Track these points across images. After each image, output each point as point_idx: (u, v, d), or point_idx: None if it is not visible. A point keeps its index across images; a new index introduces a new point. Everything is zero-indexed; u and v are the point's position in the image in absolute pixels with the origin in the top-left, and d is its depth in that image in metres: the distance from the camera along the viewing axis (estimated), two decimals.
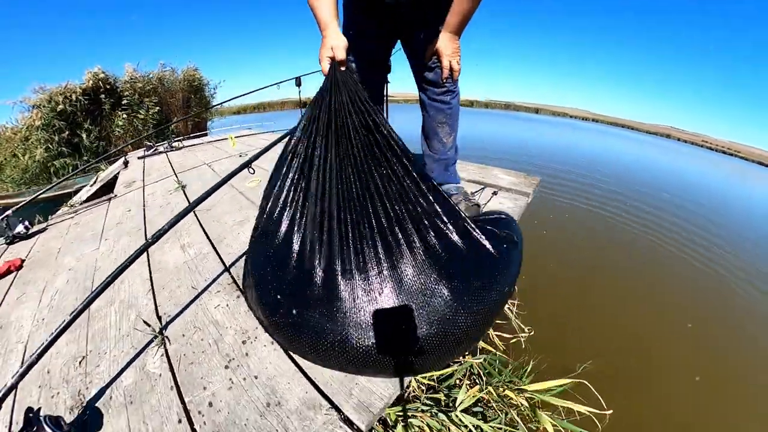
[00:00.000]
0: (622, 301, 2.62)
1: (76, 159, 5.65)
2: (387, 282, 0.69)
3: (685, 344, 2.20)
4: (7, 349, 1.06)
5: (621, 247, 3.79)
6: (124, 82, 6.67)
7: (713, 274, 3.23)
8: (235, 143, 2.90)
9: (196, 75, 7.96)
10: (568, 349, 1.99)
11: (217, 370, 0.73)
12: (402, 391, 0.64)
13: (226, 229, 1.38)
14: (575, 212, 4.58)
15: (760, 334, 2.41)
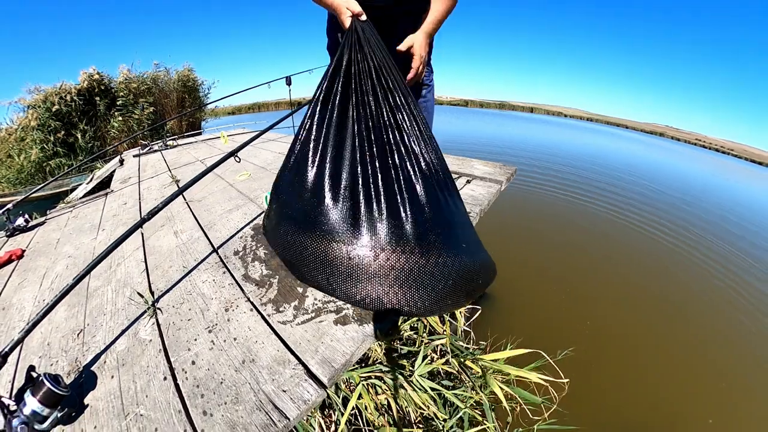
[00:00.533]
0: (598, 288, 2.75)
1: (71, 159, 5.71)
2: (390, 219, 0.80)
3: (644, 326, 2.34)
4: (9, 327, 1.14)
5: (583, 228, 4.01)
6: (118, 82, 6.73)
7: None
8: (227, 140, 2.98)
9: (190, 75, 8.00)
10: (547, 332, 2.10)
11: (201, 334, 0.81)
12: (365, 352, 0.72)
13: (216, 217, 1.46)
14: (555, 203, 4.83)
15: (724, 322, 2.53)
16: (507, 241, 3.36)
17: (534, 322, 2.24)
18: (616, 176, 7.06)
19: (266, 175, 1.95)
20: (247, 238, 1.20)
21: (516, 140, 11.89)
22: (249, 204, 1.54)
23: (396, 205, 0.81)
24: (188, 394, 0.68)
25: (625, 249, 3.59)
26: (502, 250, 2.77)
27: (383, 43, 0.94)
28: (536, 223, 4.10)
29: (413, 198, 0.83)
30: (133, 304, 1.01)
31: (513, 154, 7.59)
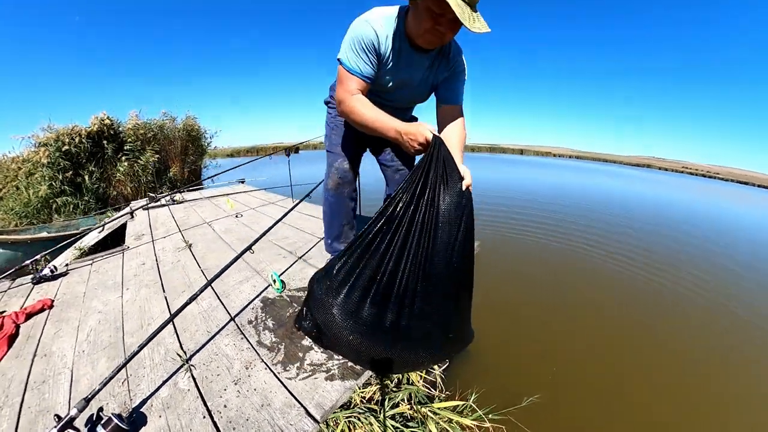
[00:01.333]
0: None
1: (77, 198, 5.95)
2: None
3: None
4: (55, 372, 1.41)
5: (553, 265, 4.40)
6: (127, 128, 7.17)
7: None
8: (233, 205, 3.37)
9: (194, 125, 8.57)
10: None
11: (229, 385, 1.14)
12: (347, 400, 1.07)
13: (229, 288, 1.81)
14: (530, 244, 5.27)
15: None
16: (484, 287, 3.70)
17: (505, 368, 2.47)
18: (594, 215, 7.66)
19: (269, 247, 2.33)
20: (258, 309, 1.56)
21: (500, 183, 12.78)
22: (256, 276, 1.90)
23: (420, 316, 1.12)
24: (224, 428, 1.00)
25: (604, 289, 3.91)
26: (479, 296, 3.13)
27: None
28: (514, 266, 4.50)
29: (432, 309, 1.12)
30: (169, 360, 1.33)
31: (490, 202, 8.18)
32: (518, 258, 4.92)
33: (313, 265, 2.02)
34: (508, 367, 2.46)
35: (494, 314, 3.11)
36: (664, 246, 5.74)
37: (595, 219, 7.41)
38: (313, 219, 2.98)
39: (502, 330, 2.90)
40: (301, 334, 1.35)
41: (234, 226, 2.89)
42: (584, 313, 3.32)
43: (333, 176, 1.61)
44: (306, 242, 2.42)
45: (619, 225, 7.02)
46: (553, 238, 5.70)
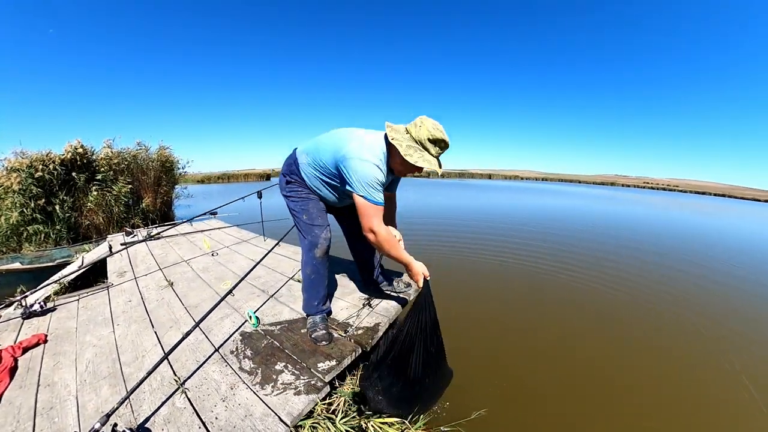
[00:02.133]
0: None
1: (48, 227, 5.91)
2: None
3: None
4: (61, 399, 1.66)
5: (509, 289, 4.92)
6: (100, 157, 7.19)
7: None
8: (209, 245, 3.68)
9: (168, 156, 8.68)
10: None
11: (218, 403, 1.47)
12: (311, 409, 1.44)
13: (212, 323, 2.13)
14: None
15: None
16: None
17: (456, 383, 2.80)
18: (547, 236, 8.43)
19: (244, 286, 2.66)
20: (238, 342, 1.90)
21: (464, 209, 13.58)
22: (235, 314, 2.24)
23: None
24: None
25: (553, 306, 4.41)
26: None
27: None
28: (462, 285, 4.98)
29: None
30: (165, 386, 1.64)
31: (447, 226, 8.81)
32: (466, 277, 5.47)
33: (284, 304, 2.37)
34: (458, 382, 2.82)
35: (448, 332, 3.52)
36: (612, 260, 6.51)
37: (544, 239, 8.18)
38: (283, 258, 3.34)
39: (456, 347, 3.29)
40: (274, 361, 1.71)
41: (211, 265, 3.21)
42: (532, 328, 3.79)
43: (323, 246, 1.86)
44: (276, 281, 2.78)
45: (564, 243, 7.80)
46: (499, 256, 6.39)
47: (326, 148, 1.75)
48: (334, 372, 1.62)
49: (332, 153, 1.70)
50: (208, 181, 25.67)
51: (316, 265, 1.90)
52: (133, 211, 7.16)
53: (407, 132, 1.65)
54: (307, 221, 1.87)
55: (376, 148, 1.66)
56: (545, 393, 2.74)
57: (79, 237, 6.14)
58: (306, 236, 1.88)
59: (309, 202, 1.88)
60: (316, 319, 1.93)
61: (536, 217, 12.15)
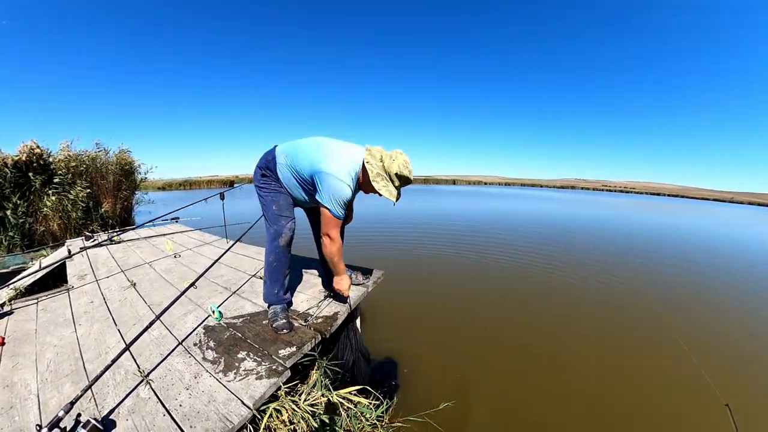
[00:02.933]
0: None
1: (0, 233, 5.63)
2: None
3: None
4: (21, 398, 1.67)
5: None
6: (58, 160, 6.86)
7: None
8: (172, 248, 3.66)
9: (128, 159, 8.37)
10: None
11: (182, 391, 1.55)
12: (274, 393, 1.55)
13: (176, 319, 2.18)
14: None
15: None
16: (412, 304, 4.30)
17: (426, 377, 2.96)
18: (506, 234, 8.88)
19: (207, 284, 2.71)
20: (201, 335, 1.97)
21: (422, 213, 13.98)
22: (198, 309, 2.30)
23: None
24: (180, 419, 1.42)
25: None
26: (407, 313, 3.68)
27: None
28: (432, 285, 5.20)
29: None
30: (129, 379, 1.69)
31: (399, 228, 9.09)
32: (430, 275, 5.72)
33: (246, 299, 2.45)
34: (428, 376, 3.00)
35: (415, 330, 3.70)
36: (568, 254, 6.96)
37: (502, 237, 8.62)
38: (245, 258, 3.40)
39: (424, 345, 3.48)
40: (236, 350, 1.80)
41: (174, 266, 3.22)
42: (495, 325, 4.04)
43: (286, 236, 1.98)
44: (239, 279, 2.84)
45: (526, 241, 8.26)
46: (464, 253, 6.71)
47: (305, 156, 1.89)
48: (295, 358, 1.73)
49: (310, 163, 1.86)
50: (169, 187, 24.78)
51: (278, 254, 2.01)
52: (91, 216, 6.90)
53: (381, 160, 1.85)
54: (275, 212, 1.99)
55: (351, 168, 1.85)
56: (509, 385, 2.98)
57: (34, 244, 5.87)
58: (272, 225, 2.01)
59: (280, 195, 2.03)
60: (276, 309, 2.03)
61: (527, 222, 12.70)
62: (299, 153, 1.93)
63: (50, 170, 6.63)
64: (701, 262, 7.23)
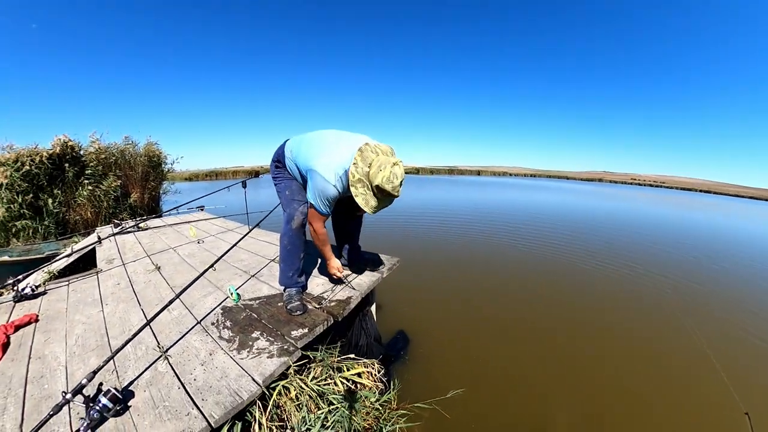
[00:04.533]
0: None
1: (37, 222, 5.93)
2: None
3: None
4: (51, 369, 1.77)
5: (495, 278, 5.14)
6: (89, 152, 7.19)
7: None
8: (195, 233, 3.77)
9: (156, 151, 8.67)
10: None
11: (197, 366, 1.60)
12: (283, 372, 1.57)
13: (195, 300, 2.26)
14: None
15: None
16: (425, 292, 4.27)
17: (438, 365, 2.94)
18: (539, 227, 8.69)
19: (227, 268, 2.78)
20: (219, 315, 2.03)
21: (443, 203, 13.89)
22: (217, 291, 2.37)
23: None
24: (194, 392, 1.46)
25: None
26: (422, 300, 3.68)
27: None
28: (451, 271, 5.17)
29: None
30: (149, 354, 1.76)
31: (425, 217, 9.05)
32: (448, 261, 5.67)
33: (264, 282, 2.50)
34: (437, 361, 2.97)
35: (430, 315, 3.68)
36: (593, 252, 6.74)
37: (533, 230, 8.41)
38: (265, 243, 3.47)
39: (439, 330, 3.46)
40: (251, 330, 1.84)
41: (197, 251, 3.32)
42: (514, 315, 3.96)
43: (298, 219, 2.00)
44: (258, 263, 2.90)
45: (554, 235, 8.03)
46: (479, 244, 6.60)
47: (305, 153, 1.90)
48: (306, 339, 1.75)
49: (305, 161, 1.87)
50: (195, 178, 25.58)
51: (291, 236, 2.05)
52: (121, 205, 7.20)
53: (369, 166, 1.73)
54: (288, 196, 2.06)
55: (339, 167, 1.77)
56: (521, 374, 2.91)
57: (67, 232, 6.17)
58: (286, 209, 2.06)
59: (293, 182, 2.10)
60: (291, 291, 2.06)
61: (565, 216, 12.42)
62: (301, 149, 1.94)
63: (82, 162, 6.93)
64: (740, 263, 6.86)
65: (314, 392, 1.62)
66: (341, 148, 1.80)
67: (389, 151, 1.84)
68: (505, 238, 7.50)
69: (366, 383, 1.79)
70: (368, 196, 1.75)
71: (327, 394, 1.67)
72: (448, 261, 5.94)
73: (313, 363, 1.81)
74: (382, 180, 1.67)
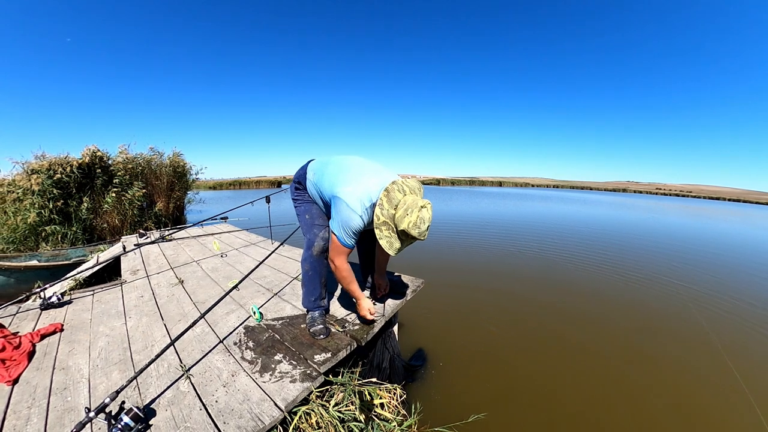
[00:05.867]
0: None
1: (65, 228, 6.14)
2: None
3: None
4: (74, 381, 1.78)
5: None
6: (116, 162, 7.48)
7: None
8: (219, 247, 3.82)
9: (180, 161, 8.93)
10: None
11: (219, 388, 1.58)
12: (306, 397, 1.53)
13: (218, 317, 2.25)
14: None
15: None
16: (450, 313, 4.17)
17: (459, 388, 2.79)
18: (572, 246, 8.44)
19: (250, 284, 2.78)
20: (241, 334, 2.01)
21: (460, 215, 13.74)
22: (240, 309, 2.36)
23: None
24: (215, 415, 1.44)
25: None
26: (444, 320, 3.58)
27: None
28: (475, 285, 5.03)
29: None
30: (171, 372, 1.75)
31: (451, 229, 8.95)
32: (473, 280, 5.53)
33: (287, 301, 2.48)
34: (458, 383, 2.85)
35: (453, 333, 3.57)
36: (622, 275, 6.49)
37: (559, 250, 8.16)
38: (288, 260, 3.47)
39: (458, 349, 3.34)
40: (273, 352, 1.81)
41: (220, 265, 3.34)
42: (541, 334, 3.79)
43: (318, 245, 1.96)
44: (281, 281, 2.89)
45: (578, 256, 7.77)
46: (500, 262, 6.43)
47: (329, 178, 1.83)
48: (329, 363, 1.71)
49: (330, 186, 1.80)
50: (219, 187, 26.20)
51: (312, 263, 2.01)
52: (146, 214, 7.39)
53: (396, 208, 1.65)
54: (308, 221, 2.01)
55: (366, 199, 1.69)
56: (549, 394, 2.75)
57: (94, 238, 6.35)
58: (306, 234, 2.02)
59: (313, 206, 2.04)
60: (314, 314, 2.03)
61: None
62: (325, 174, 1.87)
63: (110, 171, 7.20)
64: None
65: (336, 419, 1.57)
66: (370, 178, 1.74)
67: (417, 188, 1.75)
68: (530, 250, 7.33)
69: (387, 413, 1.73)
70: (393, 239, 1.66)
71: (348, 421, 1.61)
72: (472, 273, 5.83)
73: (334, 386, 1.77)
74: (409, 225, 1.60)
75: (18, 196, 6.05)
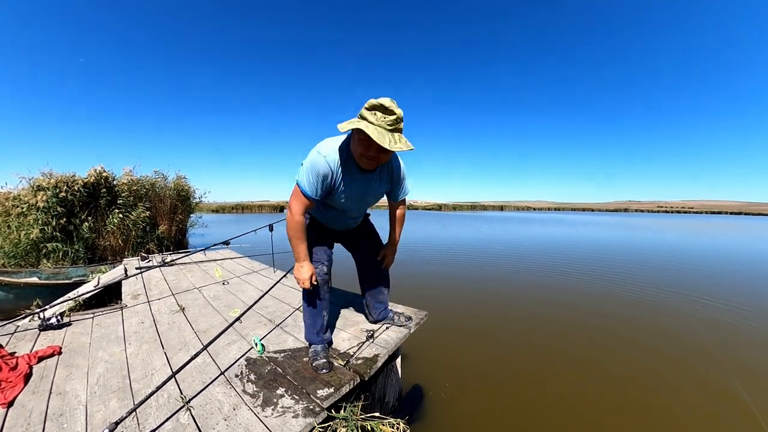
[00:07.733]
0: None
1: (67, 246, 6.15)
2: None
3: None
4: (71, 407, 1.74)
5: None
6: (121, 183, 7.59)
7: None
8: (221, 274, 3.83)
9: (184, 185, 9.06)
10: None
11: (220, 421, 1.56)
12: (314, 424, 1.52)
13: (219, 348, 2.24)
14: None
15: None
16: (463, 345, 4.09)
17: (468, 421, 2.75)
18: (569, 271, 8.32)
19: (252, 315, 2.78)
20: (243, 366, 2.00)
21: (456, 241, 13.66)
22: (242, 340, 2.35)
23: None
24: None
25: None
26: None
27: None
28: (477, 317, 4.93)
29: None
30: (171, 403, 1.73)
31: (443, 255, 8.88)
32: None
33: (289, 333, 2.47)
34: (468, 420, 2.75)
35: (455, 368, 3.48)
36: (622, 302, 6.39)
37: (559, 275, 8.06)
38: (290, 290, 3.47)
39: (464, 383, 3.24)
40: (276, 386, 1.80)
41: (222, 294, 3.34)
42: (545, 372, 3.66)
43: (314, 277, 1.89)
44: (283, 312, 2.89)
45: (580, 279, 7.67)
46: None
47: None
48: (332, 399, 1.70)
49: None
50: (222, 210, 26.28)
51: (312, 294, 2.01)
52: (149, 236, 7.40)
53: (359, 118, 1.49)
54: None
55: (335, 142, 1.65)
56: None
57: (96, 258, 6.34)
58: None
59: (311, 233, 2.02)
60: (317, 348, 2.03)
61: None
62: None
63: (114, 192, 7.29)
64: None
65: None
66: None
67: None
68: (557, 282, 7.22)
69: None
70: (363, 122, 1.42)
71: None
72: (473, 298, 5.75)
73: (336, 421, 1.74)
74: (369, 102, 1.44)
75: (22, 210, 6.09)
